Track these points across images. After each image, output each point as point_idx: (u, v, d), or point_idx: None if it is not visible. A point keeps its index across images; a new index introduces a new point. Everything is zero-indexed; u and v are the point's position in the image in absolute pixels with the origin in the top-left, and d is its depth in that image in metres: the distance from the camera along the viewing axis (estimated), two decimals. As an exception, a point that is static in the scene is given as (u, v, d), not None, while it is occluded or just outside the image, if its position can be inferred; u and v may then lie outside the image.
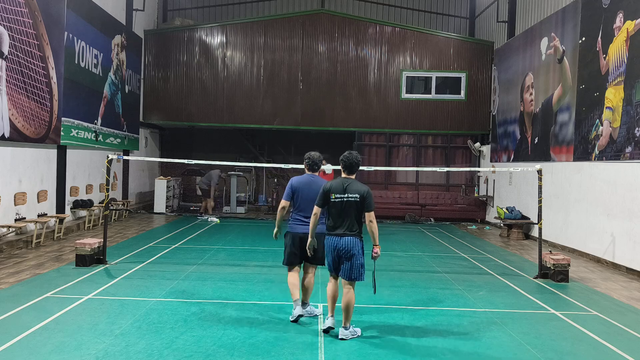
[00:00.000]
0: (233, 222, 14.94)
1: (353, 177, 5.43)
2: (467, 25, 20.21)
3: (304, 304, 5.96)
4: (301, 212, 5.88)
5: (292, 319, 5.81)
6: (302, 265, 6.04)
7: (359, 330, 5.46)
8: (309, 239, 5.47)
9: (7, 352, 4.70)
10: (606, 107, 10.12)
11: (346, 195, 5.26)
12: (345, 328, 5.33)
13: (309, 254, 5.54)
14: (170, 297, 6.67)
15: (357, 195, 5.26)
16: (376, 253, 5.27)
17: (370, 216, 5.28)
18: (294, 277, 5.93)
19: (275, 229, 6.06)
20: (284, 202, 5.94)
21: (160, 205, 16.32)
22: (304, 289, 5.96)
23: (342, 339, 5.27)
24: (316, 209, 5.38)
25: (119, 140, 15.34)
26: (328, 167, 13.00)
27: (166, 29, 18.24)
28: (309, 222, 5.63)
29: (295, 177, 6.05)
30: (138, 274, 7.89)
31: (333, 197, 5.27)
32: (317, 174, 6.05)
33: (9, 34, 9.56)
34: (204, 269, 8.45)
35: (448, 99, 17.76)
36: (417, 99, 17.74)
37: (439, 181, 18.06)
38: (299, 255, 5.89)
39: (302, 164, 6.22)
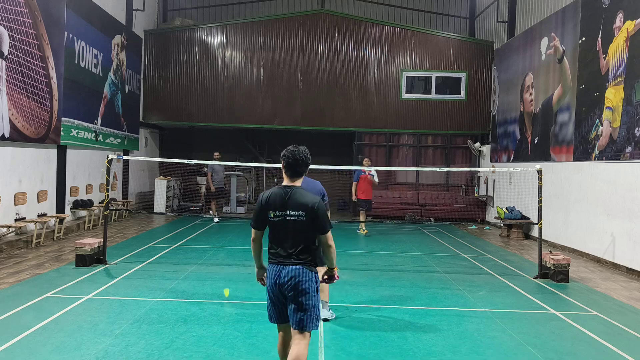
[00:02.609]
0: (233, 222, 14.94)
1: (299, 182, 3.87)
2: (467, 25, 20.21)
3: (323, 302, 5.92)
4: None
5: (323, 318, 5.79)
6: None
7: None
8: (257, 270, 4.09)
9: (7, 352, 4.70)
10: (606, 107, 10.12)
11: (287, 212, 3.73)
12: None
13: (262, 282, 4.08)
14: (170, 297, 6.66)
15: (301, 212, 3.71)
16: (334, 277, 4.07)
17: (327, 240, 3.80)
18: None
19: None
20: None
21: (160, 205, 16.32)
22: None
23: None
24: (253, 234, 3.91)
25: (119, 140, 15.34)
26: (374, 171, 12.95)
27: (166, 29, 18.24)
28: None
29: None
30: (138, 274, 7.89)
31: (271, 214, 3.77)
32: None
33: (9, 34, 9.56)
34: (204, 269, 8.45)
35: (448, 99, 17.76)
36: (417, 99, 17.74)
37: (439, 181, 18.06)
38: None
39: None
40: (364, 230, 13.23)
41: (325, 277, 4.08)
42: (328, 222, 3.80)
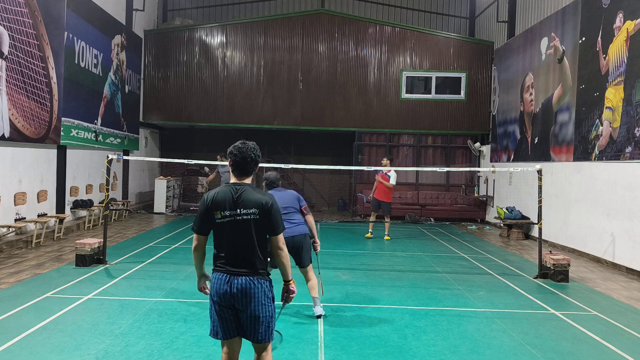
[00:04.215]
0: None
1: (248, 180, 3.56)
2: (467, 25, 20.21)
3: (317, 299, 6.06)
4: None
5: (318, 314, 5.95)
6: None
7: None
8: (199, 279, 3.83)
9: (7, 352, 4.70)
10: (606, 107, 10.12)
11: (238, 210, 3.40)
12: None
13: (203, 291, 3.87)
14: (170, 297, 6.66)
15: (255, 209, 3.40)
16: (291, 292, 3.66)
17: (278, 242, 3.49)
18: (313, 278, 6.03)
19: None
20: None
21: (160, 205, 16.32)
22: (316, 286, 6.08)
23: None
24: (196, 240, 3.57)
25: (119, 140, 15.34)
26: (392, 172, 12.12)
27: (166, 29, 18.24)
28: (292, 223, 5.78)
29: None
30: (138, 274, 7.89)
31: (219, 215, 3.42)
32: (280, 187, 6.20)
33: (9, 34, 9.56)
34: (204, 269, 8.43)
35: (448, 99, 17.76)
36: (417, 99, 17.75)
37: (439, 181, 18.06)
38: (294, 259, 5.76)
39: (303, 164, 6.29)
40: (371, 234, 12.61)
41: (285, 295, 3.66)
42: (281, 223, 3.50)
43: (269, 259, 3.62)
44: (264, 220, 3.42)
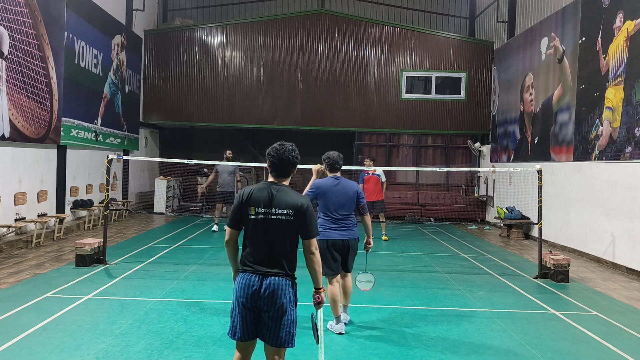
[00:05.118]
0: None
1: (286, 182, 3.56)
2: (467, 25, 20.21)
3: (346, 307, 5.71)
4: (330, 216, 5.47)
5: (337, 332, 5.49)
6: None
7: None
8: (234, 274, 3.70)
9: (7, 352, 4.70)
10: (606, 107, 10.12)
11: (273, 209, 3.39)
12: None
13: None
14: (170, 297, 6.66)
15: (290, 210, 3.38)
16: (320, 300, 3.55)
17: (311, 245, 3.45)
18: (335, 290, 5.48)
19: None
20: None
21: (160, 205, 16.32)
22: (347, 293, 5.71)
23: None
24: (229, 233, 3.55)
25: (119, 140, 15.34)
26: (381, 172, 11.82)
27: (166, 29, 18.25)
28: (341, 224, 5.40)
29: (318, 180, 5.65)
30: (138, 274, 7.89)
31: (252, 211, 3.40)
32: (339, 174, 5.66)
33: (9, 34, 9.56)
34: (204, 269, 8.45)
35: (448, 99, 17.76)
36: (417, 99, 17.75)
37: (439, 181, 18.06)
38: (339, 262, 5.48)
39: (303, 164, 5.91)
40: (384, 236, 12.33)
41: (316, 303, 3.55)
42: (316, 226, 3.47)
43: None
44: (298, 222, 3.39)
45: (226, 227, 3.56)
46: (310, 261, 3.48)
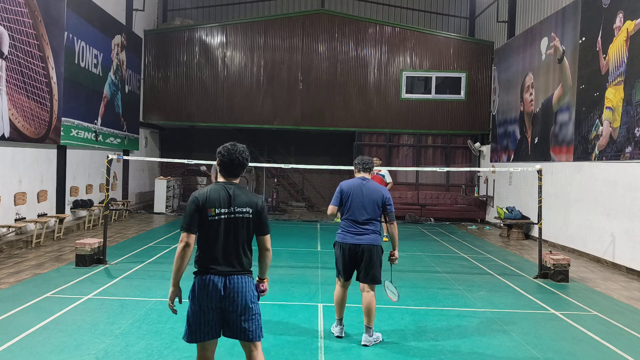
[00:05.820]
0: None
1: (237, 181, 3.61)
2: (467, 25, 20.22)
3: (368, 328, 5.19)
4: (350, 219, 5.20)
5: (336, 336, 5.37)
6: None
7: None
8: (173, 289, 3.70)
9: (7, 352, 4.70)
10: (606, 107, 10.12)
11: (233, 208, 3.41)
12: None
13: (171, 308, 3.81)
14: (170, 297, 6.65)
15: (249, 208, 3.44)
16: (264, 288, 3.62)
17: (266, 242, 3.55)
18: (341, 293, 5.32)
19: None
20: (332, 208, 5.24)
21: (160, 205, 16.33)
22: (365, 311, 5.17)
23: None
24: (184, 238, 3.38)
25: (119, 140, 15.34)
26: (385, 173, 11.37)
27: (166, 29, 18.25)
28: (362, 230, 5.11)
29: (344, 181, 5.41)
30: (138, 274, 7.89)
31: (213, 212, 3.37)
32: (369, 176, 5.37)
33: (9, 34, 9.56)
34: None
35: (448, 99, 17.77)
36: (417, 99, 17.75)
37: (439, 181, 18.07)
38: (349, 268, 5.25)
39: (303, 164, 5.91)
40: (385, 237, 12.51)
41: (260, 291, 3.58)
42: (268, 224, 3.57)
43: None
44: (256, 219, 3.47)
45: (184, 233, 3.39)
46: (264, 257, 3.57)
